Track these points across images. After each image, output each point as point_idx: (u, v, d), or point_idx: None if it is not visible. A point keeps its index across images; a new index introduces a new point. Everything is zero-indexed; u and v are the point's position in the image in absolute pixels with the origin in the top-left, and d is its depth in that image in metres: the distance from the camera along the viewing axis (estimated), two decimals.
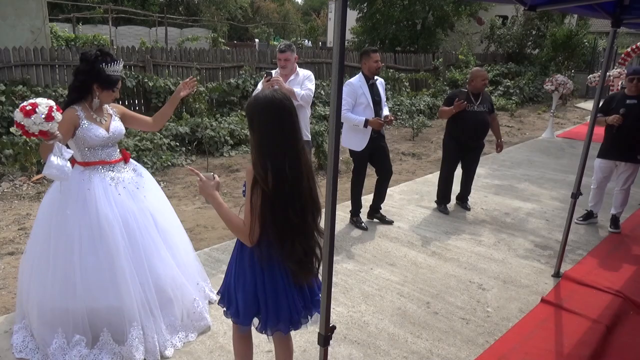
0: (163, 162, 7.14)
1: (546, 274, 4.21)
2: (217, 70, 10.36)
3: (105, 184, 2.92)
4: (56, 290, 2.79)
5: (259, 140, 1.99)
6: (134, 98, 8.90)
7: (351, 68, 12.75)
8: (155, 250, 3.00)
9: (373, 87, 4.78)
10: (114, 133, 3.01)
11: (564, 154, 9.03)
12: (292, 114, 2.01)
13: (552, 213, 5.76)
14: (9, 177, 6.21)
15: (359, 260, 4.34)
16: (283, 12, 44.18)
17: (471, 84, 5.32)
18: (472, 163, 5.65)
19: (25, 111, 2.43)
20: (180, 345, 3.02)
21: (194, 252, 3.52)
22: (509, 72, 17.12)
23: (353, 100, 4.68)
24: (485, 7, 19.81)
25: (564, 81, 10.27)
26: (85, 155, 2.93)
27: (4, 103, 7.09)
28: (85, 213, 2.83)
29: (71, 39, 15.82)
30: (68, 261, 2.79)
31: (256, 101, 2.02)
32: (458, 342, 3.21)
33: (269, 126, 1.98)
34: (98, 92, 2.89)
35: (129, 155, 3.20)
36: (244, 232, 2.03)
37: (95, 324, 2.84)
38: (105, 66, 2.84)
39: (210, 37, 16.97)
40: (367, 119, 4.62)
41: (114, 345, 2.83)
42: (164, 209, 3.23)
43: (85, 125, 2.86)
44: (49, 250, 2.82)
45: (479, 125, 5.32)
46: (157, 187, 3.29)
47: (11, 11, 9.67)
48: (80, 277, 2.77)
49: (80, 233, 2.80)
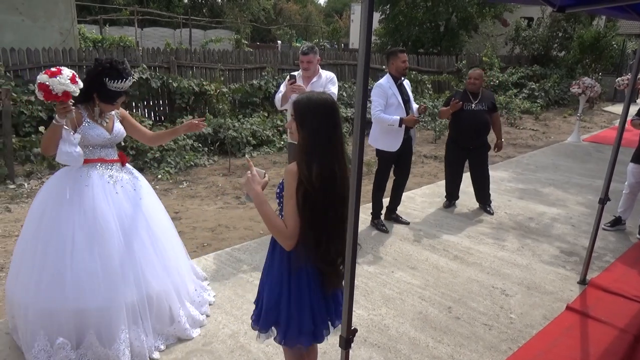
0: (186, 162, 7.22)
1: (572, 280, 4.12)
2: (239, 72, 10.43)
3: (103, 181, 2.91)
4: (42, 291, 2.71)
5: (308, 139, 1.99)
6: (159, 99, 9.02)
7: (374, 70, 12.71)
8: (147, 253, 2.96)
9: (401, 87, 4.80)
10: (116, 135, 3.04)
11: (591, 159, 8.84)
12: (339, 117, 2.05)
13: (578, 218, 5.64)
14: (37, 175, 6.36)
15: (380, 263, 4.31)
16: (305, 13, 44.29)
17: (467, 83, 5.44)
18: (478, 165, 5.60)
19: (51, 72, 2.53)
20: (164, 347, 2.98)
21: (187, 260, 3.47)
22: (534, 75, 16.85)
23: (384, 101, 4.69)
24: (510, 8, 19.50)
25: (591, 84, 10.06)
26: (85, 153, 2.90)
27: (33, 103, 7.25)
28: (81, 210, 2.79)
29: (98, 40, 16.15)
30: (59, 261, 2.72)
31: (309, 100, 2.02)
32: (480, 348, 3.16)
33: (319, 126, 1.99)
34: (98, 102, 2.90)
35: (127, 159, 3.20)
36: (285, 235, 1.98)
37: (82, 325, 2.76)
38: (108, 81, 2.80)
39: (233, 38, 17.16)
40: (402, 118, 4.64)
41: (99, 347, 2.75)
42: (158, 214, 3.19)
43: (87, 124, 2.88)
44: (36, 251, 2.77)
45: (477, 125, 5.33)
46: (152, 192, 3.26)
47: (41, 13, 9.91)
48: (71, 277, 2.70)
49: (74, 232, 2.76)
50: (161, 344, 3.00)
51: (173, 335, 3.06)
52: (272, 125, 9.20)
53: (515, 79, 16.07)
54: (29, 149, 6.69)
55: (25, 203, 5.49)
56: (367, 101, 1.99)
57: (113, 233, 2.82)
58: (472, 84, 5.36)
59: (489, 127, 5.46)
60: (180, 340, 3.07)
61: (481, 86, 5.46)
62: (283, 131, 9.00)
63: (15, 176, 6.19)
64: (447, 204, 5.86)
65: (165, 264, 3.08)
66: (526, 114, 13.40)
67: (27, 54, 7.84)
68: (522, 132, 11.46)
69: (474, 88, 5.37)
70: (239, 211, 5.58)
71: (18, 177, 6.22)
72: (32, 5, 9.66)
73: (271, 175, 7.08)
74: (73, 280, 2.71)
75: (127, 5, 23.96)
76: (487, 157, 5.64)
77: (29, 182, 6.14)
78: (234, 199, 6.00)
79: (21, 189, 5.94)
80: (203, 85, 9.08)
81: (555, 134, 11.32)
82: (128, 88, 2.97)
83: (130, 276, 2.85)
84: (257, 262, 4.21)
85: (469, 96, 5.36)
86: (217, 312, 3.42)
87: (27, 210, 5.22)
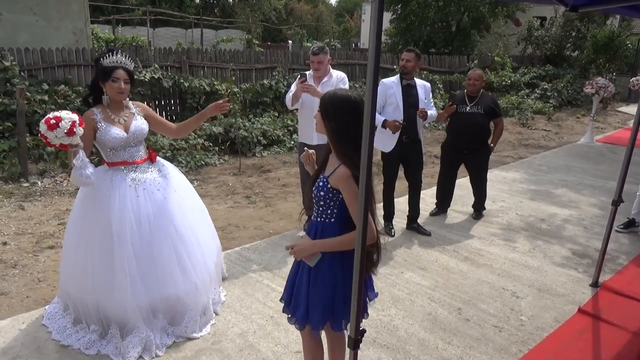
0: (197, 162, 7.26)
1: (584, 283, 4.08)
2: (250, 71, 10.46)
3: (125, 186, 2.98)
4: (74, 282, 3.02)
5: (337, 131, 2.07)
6: (170, 98, 9.08)
7: (384, 69, 12.68)
8: (167, 255, 3.01)
9: (409, 88, 4.64)
10: (134, 133, 3.05)
11: (604, 160, 8.74)
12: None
13: (590, 220, 5.58)
14: (51, 174, 6.43)
15: (389, 264, 4.30)
16: (316, 13, 44.35)
17: (467, 85, 5.22)
18: (472, 170, 5.40)
19: (49, 125, 2.57)
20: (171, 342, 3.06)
21: (218, 255, 3.52)
22: (547, 75, 16.70)
23: (382, 100, 4.61)
24: (522, 8, 19.36)
25: (605, 84, 9.94)
26: (109, 155, 3.02)
27: (47, 102, 7.34)
28: (101, 213, 2.91)
29: (111, 40, 16.29)
30: (82, 257, 2.95)
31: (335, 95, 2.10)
32: (490, 350, 3.14)
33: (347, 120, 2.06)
34: (104, 87, 2.97)
35: (156, 155, 3.23)
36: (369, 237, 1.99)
37: (106, 318, 2.98)
38: (102, 60, 2.91)
39: (244, 38, 17.19)
40: (385, 120, 4.50)
41: (118, 340, 2.93)
42: (187, 211, 3.22)
43: (103, 127, 2.94)
44: (69, 244, 3.06)
45: (471, 128, 5.10)
46: (183, 185, 3.29)
47: (55, 14, 10.02)
48: (92, 274, 2.92)
49: (95, 232, 2.92)
50: (171, 342, 3.04)
51: (184, 335, 3.09)
52: (283, 124, 9.22)
53: (527, 79, 15.93)
54: (42, 148, 6.77)
55: (38, 201, 5.55)
56: (377, 101, 1.99)
57: (127, 236, 2.89)
58: (471, 85, 5.12)
59: (485, 131, 5.20)
60: (190, 338, 3.09)
61: (481, 88, 5.22)
62: (293, 131, 9.01)
63: (29, 174, 6.26)
64: (436, 211, 5.55)
65: (191, 262, 3.13)
66: (538, 114, 13.29)
67: (41, 53, 7.93)
68: (534, 132, 11.36)
69: (474, 90, 5.13)
70: (249, 211, 5.60)
71: (32, 175, 6.30)
72: (46, 5, 9.78)
73: (281, 175, 7.09)
74: (93, 277, 2.91)
75: (139, 6, 24.13)
76: (485, 163, 5.39)
77: (42, 181, 6.22)
78: (244, 198, 6.02)
79: (34, 187, 6.01)
80: (214, 84, 9.12)
81: (568, 135, 11.21)
82: (124, 64, 2.97)
83: (148, 277, 2.94)
84: (267, 262, 4.22)
85: (465, 98, 5.16)
86: (227, 311, 3.43)
87: (40, 208, 5.30)
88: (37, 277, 3.86)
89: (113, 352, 2.89)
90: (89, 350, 2.91)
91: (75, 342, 2.96)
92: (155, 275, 2.96)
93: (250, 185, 6.56)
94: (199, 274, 3.17)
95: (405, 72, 4.63)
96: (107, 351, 2.90)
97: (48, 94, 7.48)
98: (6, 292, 3.62)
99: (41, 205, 5.45)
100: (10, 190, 5.80)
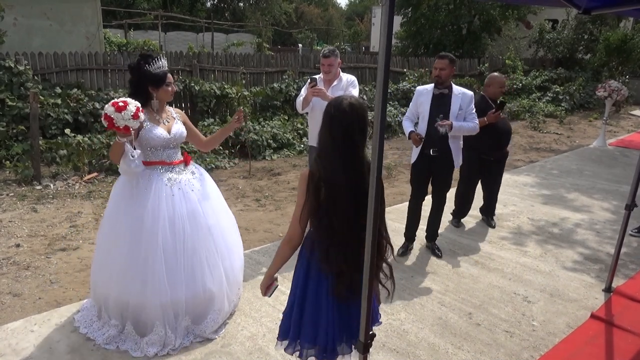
0: (207, 165, 7.30)
1: (596, 288, 4.03)
2: (261, 75, 10.50)
3: (161, 184, 3.04)
4: (101, 274, 3.09)
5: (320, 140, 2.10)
6: (181, 102, 9.14)
7: (395, 73, 12.66)
8: (198, 256, 3.06)
9: (441, 97, 4.26)
10: (175, 135, 3.14)
11: (617, 163, 8.64)
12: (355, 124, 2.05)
13: (603, 225, 5.51)
14: (63, 177, 6.50)
15: (399, 268, 4.28)
16: (327, 17, 44.44)
17: (488, 90, 4.99)
18: (496, 177, 5.22)
19: (118, 106, 2.69)
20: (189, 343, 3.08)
21: (241, 260, 3.54)
22: (559, 78, 16.56)
23: (414, 109, 4.42)
24: (534, 10, 19.20)
25: (617, 87, 9.83)
26: (148, 155, 3.08)
27: (59, 106, 7.43)
28: (135, 210, 2.97)
29: (123, 44, 16.43)
30: (110, 250, 3.02)
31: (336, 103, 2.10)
32: (501, 355, 3.11)
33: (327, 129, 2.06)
34: (154, 92, 3.05)
35: (190, 159, 3.32)
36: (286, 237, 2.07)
37: (124, 314, 3.03)
38: (148, 67, 3.00)
39: (255, 42, 17.27)
40: (412, 132, 4.26)
41: (136, 337, 3.00)
42: (219, 214, 3.29)
43: (147, 126, 3.01)
44: (101, 241, 3.13)
45: (501, 134, 4.92)
46: (215, 190, 3.36)
47: (68, 18, 10.15)
48: (117, 267, 2.97)
49: (126, 226, 2.97)
50: (189, 342, 3.07)
51: (203, 335, 3.13)
52: (293, 128, 9.24)
53: (539, 82, 15.81)
54: (55, 151, 6.85)
55: (50, 204, 5.61)
56: (386, 104, 1.99)
57: (159, 234, 2.93)
58: (500, 92, 4.86)
59: (511, 136, 5.10)
60: (200, 341, 3.10)
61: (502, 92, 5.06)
62: (303, 134, 9.03)
63: (41, 177, 6.33)
64: (456, 222, 5.36)
65: (221, 263, 3.18)
66: (550, 118, 13.18)
67: (54, 57, 8.03)
68: (546, 136, 11.27)
69: (499, 95, 4.95)
70: (259, 214, 5.61)
71: (44, 178, 6.37)
72: (59, 10, 9.92)
73: (291, 178, 7.10)
74: (118, 272, 2.98)
75: (151, 10, 24.35)
76: (504, 167, 5.28)
77: (54, 183, 6.28)
78: (254, 201, 6.04)
79: (47, 189, 6.07)
80: (225, 88, 9.16)
81: (580, 138, 11.10)
82: (168, 67, 3.14)
83: (177, 276, 2.98)
84: None
85: (491, 104, 4.90)
86: (237, 314, 3.43)
87: (52, 211, 5.36)
88: (49, 279, 3.90)
89: (132, 348, 2.95)
90: (109, 346, 2.97)
91: (100, 337, 3.02)
92: (185, 274, 3.00)
93: (260, 189, 6.57)
94: (226, 275, 3.22)
95: (439, 81, 4.24)
96: (127, 347, 2.96)
97: (61, 97, 7.56)
98: (19, 294, 3.66)
99: (53, 208, 5.51)
100: (23, 193, 5.87)
